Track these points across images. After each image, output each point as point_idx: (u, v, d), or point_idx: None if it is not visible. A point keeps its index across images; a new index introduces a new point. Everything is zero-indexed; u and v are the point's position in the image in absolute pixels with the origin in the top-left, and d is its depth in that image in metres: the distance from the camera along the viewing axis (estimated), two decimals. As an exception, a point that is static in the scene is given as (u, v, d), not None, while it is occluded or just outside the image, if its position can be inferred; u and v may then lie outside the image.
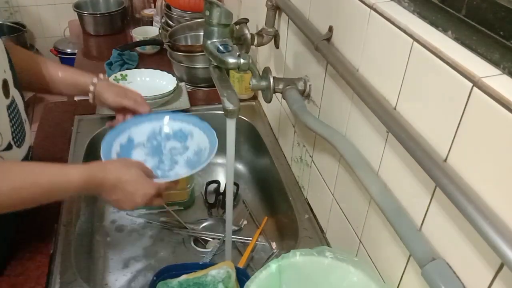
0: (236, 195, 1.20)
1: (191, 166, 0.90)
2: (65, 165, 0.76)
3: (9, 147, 0.77)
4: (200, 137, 0.94)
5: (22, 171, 0.72)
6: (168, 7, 1.62)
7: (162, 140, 0.96)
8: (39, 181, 0.72)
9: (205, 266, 0.83)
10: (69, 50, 2.99)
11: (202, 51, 1.34)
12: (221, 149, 1.34)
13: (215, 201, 1.19)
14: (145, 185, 0.80)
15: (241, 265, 0.96)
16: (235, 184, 1.21)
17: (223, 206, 1.17)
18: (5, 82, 0.77)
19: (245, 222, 1.14)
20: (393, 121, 0.59)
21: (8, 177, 0.69)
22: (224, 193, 1.21)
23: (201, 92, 1.41)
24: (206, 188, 1.22)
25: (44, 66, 0.95)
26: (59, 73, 0.96)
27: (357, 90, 0.68)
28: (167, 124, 0.96)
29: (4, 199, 0.68)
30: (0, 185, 0.67)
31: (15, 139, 0.79)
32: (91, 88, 0.95)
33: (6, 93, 0.78)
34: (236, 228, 1.11)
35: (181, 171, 0.91)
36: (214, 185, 1.23)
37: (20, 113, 0.82)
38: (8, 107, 0.78)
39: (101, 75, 0.98)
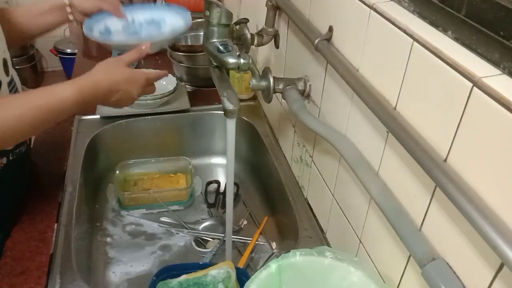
0: (236, 195, 1.20)
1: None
2: (56, 85, 0.78)
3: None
4: (173, 20, 1.04)
5: (20, 99, 0.75)
6: (168, 7, 1.62)
7: (138, 28, 1.04)
8: (38, 103, 0.74)
9: (205, 266, 0.83)
10: (69, 50, 3.00)
11: (202, 51, 1.34)
12: (221, 149, 1.35)
13: (215, 201, 1.19)
14: (136, 78, 0.86)
15: (241, 265, 0.96)
16: (235, 184, 1.21)
17: (223, 206, 1.17)
18: (5, 61, 0.82)
19: (245, 222, 1.14)
20: (393, 121, 0.59)
21: (10, 107, 0.72)
22: (224, 193, 1.21)
23: (201, 92, 1.41)
24: (206, 188, 1.22)
25: (12, 12, 0.96)
26: (31, 11, 0.98)
27: (357, 90, 0.68)
28: (138, 15, 1.05)
29: (12, 128, 0.71)
30: (6, 115, 0.71)
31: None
32: (67, 1, 0.98)
33: (6, 71, 0.83)
34: (236, 228, 1.11)
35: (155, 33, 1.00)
36: (214, 185, 1.23)
37: (19, 91, 0.87)
38: (9, 84, 0.83)
39: None
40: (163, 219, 1.14)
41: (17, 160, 0.90)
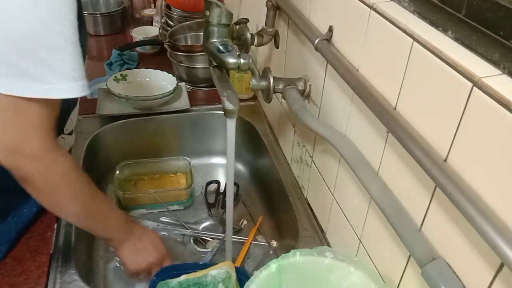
0: (236, 195, 1.20)
1: None
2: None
3: (71, 132, 0.89)
4: None
5: (91, 184, 0.79)
6: (168, 7, 1.62)
7: None
8: (98, 200, 0.81)
9: (205, 266, 0.83)
10: (69, 50, 2.99)
11: (202, 51, 1.34)
12: (221, 149, 1.35)
13: (215, 201, 1.19)
14: (161, 250, 0.90)
15: (237, 264, 0.96)
16: (235, 184, 1.21)
17: (223, 206, 1.17)
18: None
19: (245, 222, 1.14)
20: (393, 121, 0.59)
21: (89, 188, 0.79)
22: (224, 193, 1.21)
23: (201, 92, 1.41)
24: (206, 188, 1.22)
25: None
26: None
27: (357, 90, 0.68)
28: None
29: (68, 196, 0.76)
30: (87, 185, 0.78)
31: (75, 127, 0.90)
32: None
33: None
34: (236, 228, 1.11)
35: None
36: (214, 185, 1.23)
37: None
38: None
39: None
40: (163, 219, 1.14)
41: None
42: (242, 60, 0.80)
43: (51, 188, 0.73)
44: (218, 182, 1.23)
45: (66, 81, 0.65)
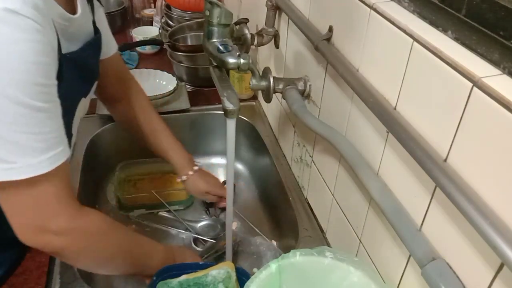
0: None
1: None
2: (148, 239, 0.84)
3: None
4: None
5: (125, 234, 0.78)
6: (168, 7, 1.62)
7: None
8: (141, 242, 0.80)
9: (205, 266, 0.83)
10: (69, 50, 2.99)
11: (202, 51, 1.34)
12: (221, 149, 1.35)
13: (214, 200, 1.19)
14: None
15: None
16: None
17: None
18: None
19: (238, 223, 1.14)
20: (393, 121, 0.59)
21: (127, 236, 0.77)
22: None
23: (201, 92, 1.41)
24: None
25: (155, 127, 1.04)
26: (163, 142, 1.05)
27: (357, 90, 0.68)
28: None
29: (119, 255, 0.75)
30: (123, 242, 0.75)
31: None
32: (184, 178, 1.05)
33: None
34: (234, 228, 1.11)
35: None
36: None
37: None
38: (74, 144, 0.84)
39: (195, 167, 1.06)
40: (163, 219, 1.14)
41: None
42: (242, 60, 0.80)
43: (87, 253, 0.70)
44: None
45: (32, 156, 0.57)
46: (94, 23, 0.79)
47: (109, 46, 0.92)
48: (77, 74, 0.69)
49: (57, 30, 0.62)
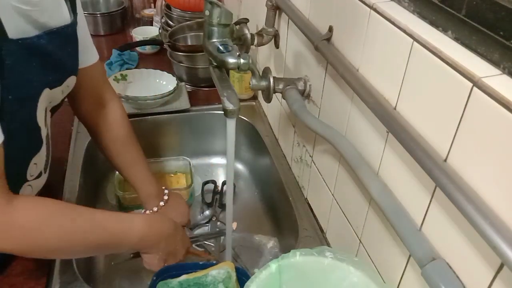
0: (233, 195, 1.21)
1: None
2: (128, 213, 0.81)
3: (39, 175, 0.78)
4: None
5: (92, 215, 0.73)
6: (168, 7, 1.62)
7: None
8: (107, 224, 0.73)
9: (205, 266, 0.83)
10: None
11: (202, 51, 1.34)
12: (221, 149, 1.35)
13: (212, 200, 1.19)
14: (186, 238, 0.89)
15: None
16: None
17: (220, 206, 1.18)
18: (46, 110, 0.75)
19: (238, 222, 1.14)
20: (393, 121, 0.59)
21: (80, 220, 0.69)
22: (220, 192, 1.21)
23: (201, 92, 1.41)
24: (203, 188, 1.22)
25: (129, 150, 0.97)
26: (136, 173, 0.98)
27: (357, 90, 0.68)
28: None
29: (74, 243, 0.68)
30: (72, 228, 0.67)
31: (45, 167, 0.80)
32: (155, 209, 0.97)
33: (47, 120, 0.76)
34: (234, 228, 1.11)
35: None
36: (211, 185, 1.23)
37: (50, 140, 0.80)
38: (46, 136, 0.77)
39: (165, 197, 1.00)
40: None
41: None
42: (242, 60, 0.80)
43: (39, 246, 0.64)
44: (214, 182, 1.23)
45: None
46: (74, 18, 0.75)
47: (87, 54, 0.86)
48: (35, 61, 0.65)
49: (17, 15, 0.59)
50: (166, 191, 1.01)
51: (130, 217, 0.79)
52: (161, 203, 0.98)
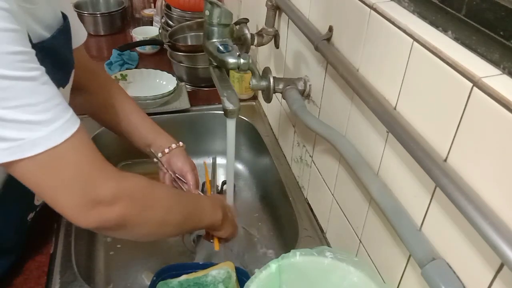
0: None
1: None
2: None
3: None
4: None
5: (171, 191, 0.76)
6: (168, 7, 1.62)
7: None
8: (185, 201, 0.76)
9: (205, 266, 0.83)
10: (69, 50, 2.99)
11: (202, 51, 1.34)
12: (221, 149, 1.35)
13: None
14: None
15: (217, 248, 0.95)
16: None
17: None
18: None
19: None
20: (393, 121, 0.59)
21: (164, 194, 0.72)
22: (220, 192, 1.21)
23: (201, 92, 1.41)
24: (202, 188, 1.22)
25: (125, 108, 0.97)
26: (138, 123, 0.98)
27: (357, 90, 0.68)
28: None
29: (157, 219, 0.70)
30: (157, 204, 0.69)
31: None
32: (166, 150, 0.96)
33: None
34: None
35: None
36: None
37: None
38: None
39: (180, 143, 0.99)
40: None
41: None
42: (242, 60, 0.80)
43: (146, 216, 0.67)
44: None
45: (34, 130, 0.53)
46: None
47: (79, 34, 0.86)
48: (50, 63, 0.64)
49: (25, 15, 0.58)
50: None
51: (199, 197, 0.84)
52: (173, 145, 0.97)
